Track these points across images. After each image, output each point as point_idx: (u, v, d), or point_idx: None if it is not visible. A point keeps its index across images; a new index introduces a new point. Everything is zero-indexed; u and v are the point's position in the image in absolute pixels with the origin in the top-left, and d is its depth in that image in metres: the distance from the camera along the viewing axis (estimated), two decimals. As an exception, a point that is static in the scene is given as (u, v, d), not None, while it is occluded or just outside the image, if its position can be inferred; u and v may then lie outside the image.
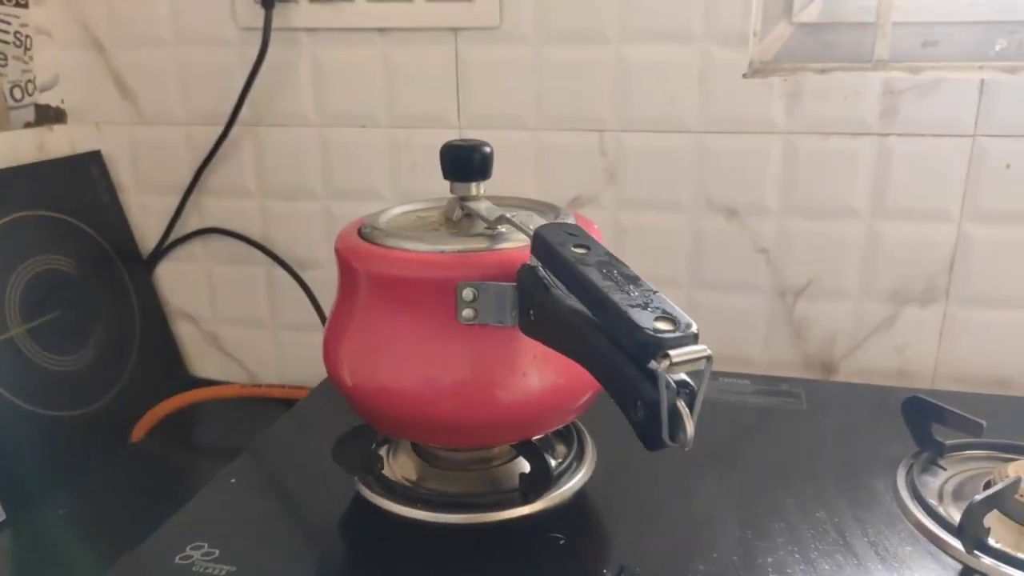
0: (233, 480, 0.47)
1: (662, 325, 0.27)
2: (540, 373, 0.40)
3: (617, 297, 0.29)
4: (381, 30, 0.65)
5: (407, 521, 0.43)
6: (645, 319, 0.27)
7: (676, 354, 0.26)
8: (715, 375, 0.60)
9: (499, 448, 0.46)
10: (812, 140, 0.60)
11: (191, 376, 0.79)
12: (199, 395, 0.72)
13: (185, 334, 0.79)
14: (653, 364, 0.27)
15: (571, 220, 0.43)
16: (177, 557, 0.40)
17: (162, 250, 0.76)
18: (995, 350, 0.61)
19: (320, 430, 0.51)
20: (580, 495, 0.45)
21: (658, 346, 0.27)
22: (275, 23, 0.65)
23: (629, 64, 0.61)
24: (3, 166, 0.66)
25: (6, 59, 0.67)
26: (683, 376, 0.28)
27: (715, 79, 0.60)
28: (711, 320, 0.66)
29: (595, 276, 0.30)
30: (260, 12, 0.65)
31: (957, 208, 0.59)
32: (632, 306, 0.28)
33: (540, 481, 0.43)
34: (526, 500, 0.43)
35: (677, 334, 0.27)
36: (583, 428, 0.50)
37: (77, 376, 0.67)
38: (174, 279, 0.77)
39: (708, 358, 0.27)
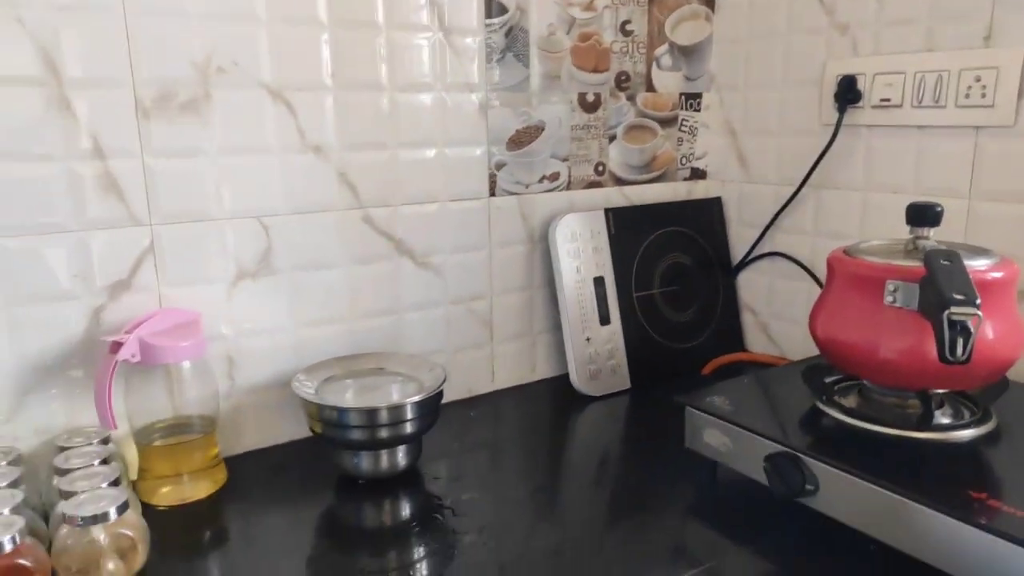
0: (745, 380, 0.83)
1: (958, 295, 0.52)
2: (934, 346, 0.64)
3: (940, 280, 0.54)
4: (920, 127, 0.92)
5: (843, 424, 0.71)
6: (949, 290, 0.53)
7: (954, 310, 0.51)
8: None
9: (913, 401, 0.70)
10: None
11: (743, 347, 1.18)
12: (746, 356, 1.11)
13: (747, 320, 1.18)
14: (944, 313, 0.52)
15: (993, 258, 0.66)
16: (706, 398, 0.78)
17: (744, 263, 1.16)
18: None
19: (793, 376, 0.82)
20: (973, 443, 0.66)
21: (946, 305, 0.52)
22: (845, 121, 0.99)
23: None
24: (669, 200, 1.16)
25: (682, 141, 1.18)
26: (968, 323, 0.52)
27: None
28: None
29: (938, 266, 0.56)
30: (835, 114, 0.99)
31: None
32: (944, 285, 0.53)
33: (924, 419, 0.67)
34: (918, 429, 0.67)
35: (960, 299, 0.52)
36: (992, 410, 0.70)
37: (682, 325, 1.12)
38: (747, 283, 1.17)
39: (978, 316, 0.51)
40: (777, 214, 1.10)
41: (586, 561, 0.66)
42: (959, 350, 0.53)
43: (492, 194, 1.01)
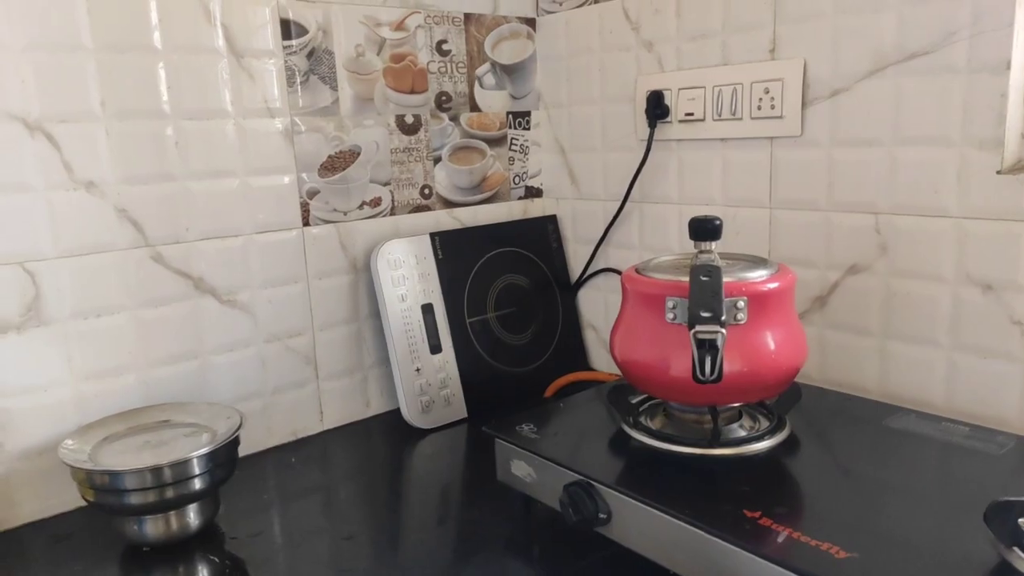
0: (560, 404, 0.81)
1: (704, 313, 0.51)
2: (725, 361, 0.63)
3: (692, 296, 0.53)
4: (723, 140, 0.93)
5: (647, 447, 0.69)
6: (696, 308, 0.52)
7: (699, 328, 0.50)
8: (956, 423, 0.70)
9: (708, 416, 0.70)
10: (1061, 228, 0.66)
11: (587, 365, 1.17)
12: (585, 376, 1.09)
13: (589, 338, 1.17)
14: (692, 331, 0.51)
15: (770, 269, 0.66)
16: (516, 427, 0.75)
17: (581, 280, 1.15)
18: None
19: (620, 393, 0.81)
20: (767, 455, 0.66)
21: (692, 323, 0.51)
22: (657, 136, 0.99)
23: (900, 163, 0.77)
24: (502, 221, 1.14)
25: (514, 160, 1.16)
26: (716, 340, 0.51)
27: (971, 175, 0.72)
28: (968, 380, 0.75)
29: (695, 282, 0.55)
30: (648, 129, 0.99)
31: None
32: (694, 302, 0.52)
33: (714, 436, 0.66)
34: (710, 446, 0.66)
35: (706, 316, 0.51)
36: (786, 419, 0.70)
37: (520, 349, 1.10)
38: (586, 300, 1.16)
39: (722, 334, 0.50)
40: (606, 230, 1.09)
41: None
42: (707, 369, 0.51)
43: (306, 224, 0.96)
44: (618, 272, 1.10)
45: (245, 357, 0.92)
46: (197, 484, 0.72)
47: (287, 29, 0.91)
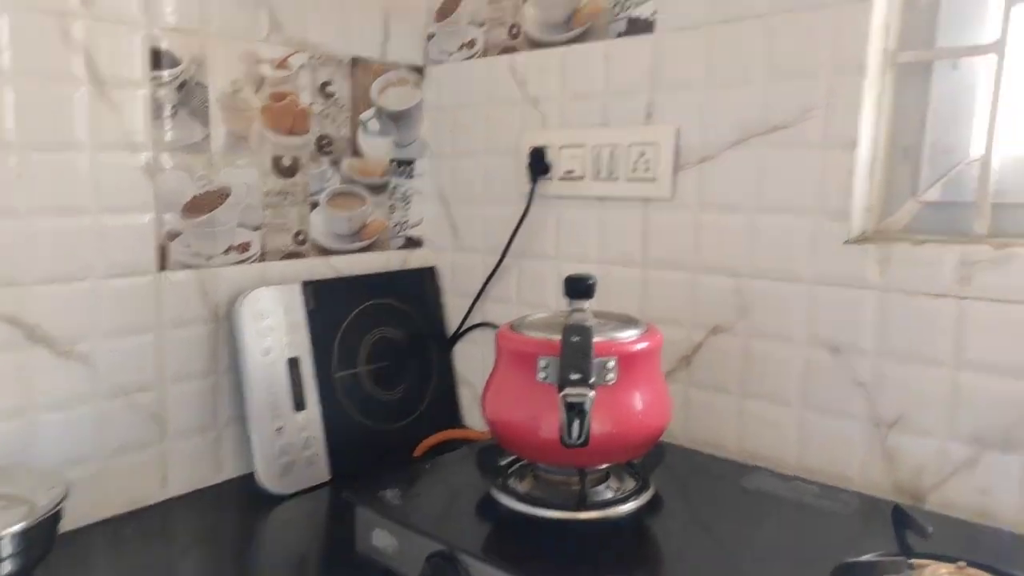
0: (427, 466, 0.78)
1: (573, 375, 0.50)
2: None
3: (562, 358, 0.52)
4: (600, 199, 0.95)
5: (514, 512, 0.67)
6: (567, 371, 0.51)
7: (568, 391, 0.49)
8: (807, 483, 0.73)
9: (576, 478, 0.68)
10: (900, 297, 0.71)
11: (461, 423, 1.14)
12: (458, 434, 1.06)
13: (464, 394, 1.14)
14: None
15: (639, 328, 0.66)
16: (378, 492, 0.71)
17: (458, 335, 1.13)
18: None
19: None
20: (631, 517, 0.65)
21: (563, 384, 0.50)
22: (538, 192, 1.00)
23: (760, 229, 0.81)
24: (380, 271, 1.11)
25: (395, 209, 1.14)
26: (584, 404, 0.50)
27: (822, 243, 0.76)
28: (817, 439, 0.78)
29: (566, 343, 0.54)
30: (530, 184, 1.00)
31: (1045, 370, 0.64)
32: (564, 364, 0.51)
33: (581, 499, 0.64)
34: (576, 509, 0.65)
35: (575, 378, 0.50)
36: (650, 481, 0.70)
37: (391, 405, 1.05)
38: (462, 355, 1.14)
39: (590, 397, 0.49)
40: (485, 284, 1.08)
41: None
42: (575, 432, 0.50)
43: (163, 268, 0.89)
44: (495, 327, 1.08)
45: (80, 415, 0.83)
46: (5, 568, 0.63)
47: (157, 59, 0.86)
